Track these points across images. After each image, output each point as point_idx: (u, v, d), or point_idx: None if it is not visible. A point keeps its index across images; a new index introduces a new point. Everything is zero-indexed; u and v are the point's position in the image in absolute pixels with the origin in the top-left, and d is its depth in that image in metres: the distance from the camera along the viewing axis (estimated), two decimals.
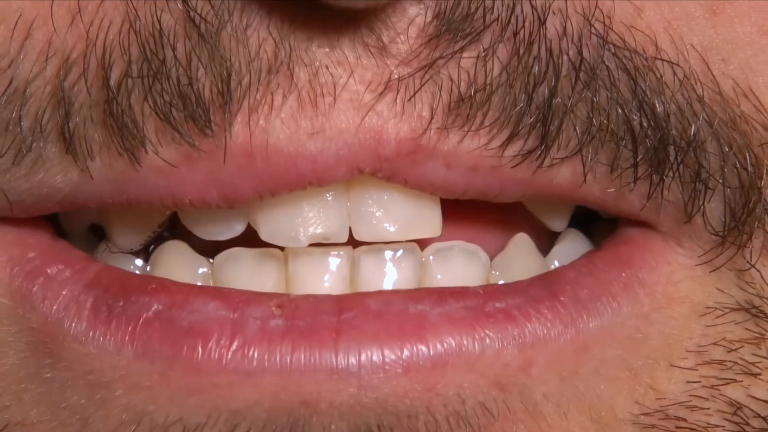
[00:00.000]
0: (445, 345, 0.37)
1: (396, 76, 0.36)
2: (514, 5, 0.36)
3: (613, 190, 0.38)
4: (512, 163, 0.37)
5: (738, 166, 0.38)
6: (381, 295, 0.38)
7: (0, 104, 0.36)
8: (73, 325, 0.37)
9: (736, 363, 0.39)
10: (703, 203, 0.38)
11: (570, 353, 0.38)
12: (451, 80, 0.36)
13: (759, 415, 0.39)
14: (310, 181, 0.37)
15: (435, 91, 0.36)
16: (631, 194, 0.38)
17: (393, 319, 0.37)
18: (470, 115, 0.36)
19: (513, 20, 0.36)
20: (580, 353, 0.38)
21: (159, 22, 0.35)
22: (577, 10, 0.37)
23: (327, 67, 0.36)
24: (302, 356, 0.36)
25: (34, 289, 0.38)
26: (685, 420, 0.39)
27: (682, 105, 0.37)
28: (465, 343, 0.37)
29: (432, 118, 0.36)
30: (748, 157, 0.38)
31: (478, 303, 0.38)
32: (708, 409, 0.39)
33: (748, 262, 0.39)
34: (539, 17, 0.36)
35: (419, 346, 0.37)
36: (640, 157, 0.37)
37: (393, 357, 0.36)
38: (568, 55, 0.36)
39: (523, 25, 0.36)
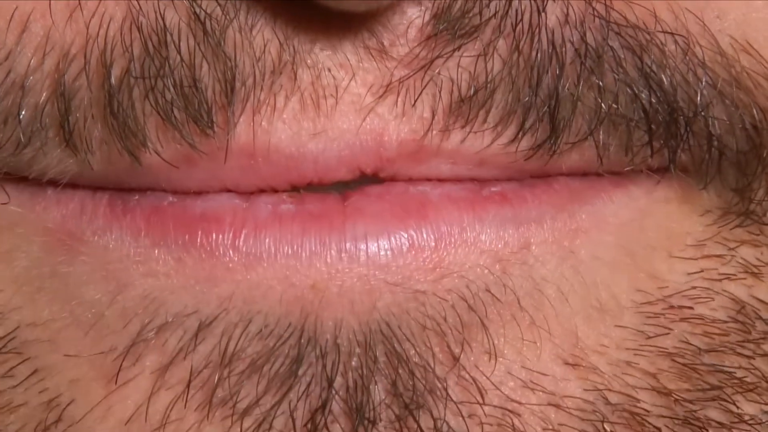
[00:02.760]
0: (448, 221, 0.37)
1: (396, 78, 0.36)
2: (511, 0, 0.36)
3: (628, 168, 0.38)
4: (524, 157, 0.37)
5: (746, 124, 0.38)
6: (381, 184, 0.38)
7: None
8: (91, 220, 0.38)
9: (734, 258, 0.40)
10: (717, 169, 0.38)
11: (565, 234, 0.38)
12: (452, 80, 0.36)
13: (761, 317, 0.40)
14: (311, 181, 0.37)
15: (435, 92, 0.36)
16: (646, 166, 0.38)
17: (395, 200, 0.37)
18: (471, 115, 0.36)
19: (511, 13, 0.36)
20: (575, 235, 0.38)
21: (163, 19, 0.35)
22: None
23: (329, 70, 0.36)
24: (312, 237, 0.37)
25: (48, 192, 0.38)
26: (691, 309, 0.39)
27: (685, 73, 0.37)
28: (466, 221, 0.37)
29: (433, 119, 0.36)
30: (755, 114, 0.38)
31: (475, 186, 0.38)
32: (712, 300, 0.39)
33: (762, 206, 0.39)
34: (538, 7, 0.36)
35: (422, 223, 0.37)
36: (654, 134, 0.37)
37: (398, 234, 0.37)
38: (571, 42, 0.36)
39: (522, 18, 0.36)
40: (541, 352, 0.38)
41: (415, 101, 0.36)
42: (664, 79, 0.36)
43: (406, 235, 0.37)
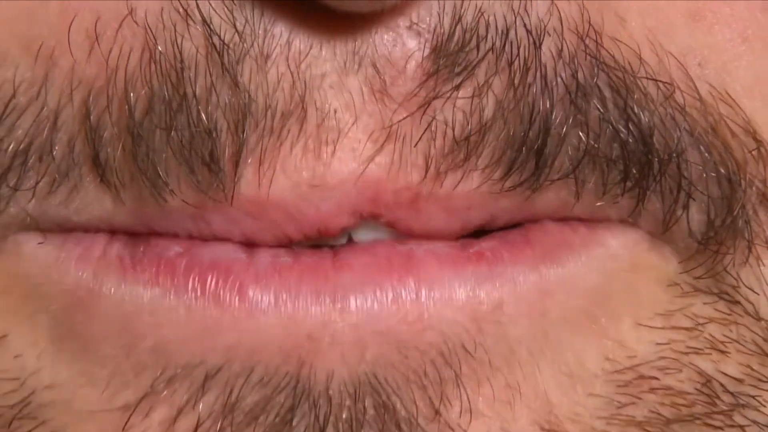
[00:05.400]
0: (429, 277, 0.38)
1: (396, 121, 0.36)
2: (507, 30, 0.36)
3: (600, 204, 0.38)
4: (509, 191, 0.37)
5: (719, 173, 0.38)
6: (369, 242, 0.39)
7: (32, 133, 0.36)
8: (107, 274, 0.38)
9: (702, 334, 0.40)
10: (683, 213, 0.38)
11: (536, 297, 0.38)
12: (446, 124, 0.36)
13: (728, 391, 0.40)
14: (319, 229, 0.38)
15: (431, 137, 0.36)
16: (614, 207, 0.39)
17: (382, 254, 0.38)
18: (466, 158, 0.37)
19: (507, 47, 0.36)
20: (544, 298, 0.38)
21: (180, 51, 0.35)
22: (570, 28, 0.37)
23: (335, 112, 0.36)
24: (308, 288, 0.37)
25: (68, 250, 0.39)
26: (658, 380, 0.39)
27: (664, 117, 0.37)
28: (445, 277, 0.38)
29: (428, 167, 0.37)
30: (729, 164, 0.38)
31: (458, 244, 0.39)
32: (680, 372, 0.40)
33: (729, 273, 0.40)
34: (535, 42, 0.36)
35: (405, 277, 0.38)
36: (629, 173, 0.37)
37: (382, 287, 0.38)
38: (562, 78, 0.36)
39: (518, 53, 0.36)
40: (517, 415, 0.38)
41: (414, 146, 0.36)
42: (643, 120, 0.37)
43: (390, 288, 0.38)
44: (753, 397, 0.40)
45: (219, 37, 0.35)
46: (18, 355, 0.39)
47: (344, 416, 0.37)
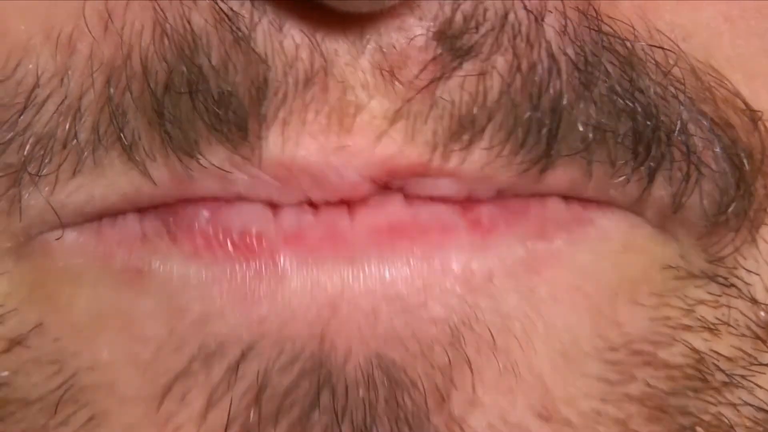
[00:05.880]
0: (429, 246, 0.38)
1: (405, 101, 0.37)
2: (506, 14, 0.36)
3: (609, 185, 0.38)
4: (518, 170, 0.38)
5: (724, 146, 0.39)
6: (379, 199, 0.39)
7: (55, 122, 0.36)
8: (152, 255, 0.38)
9: (693, 313, 0.40)
10: (693, 194, 0.38)
11: (523, 272, 0.38)
12: (452, 104, 0.37)
13: (721, 369, 0.40)
14: (342, 198, 0.38)
15: (439, 115, 0.37)
16: (623, 191, 0.39)
17: (393, 216, 0.38)
18: (472, 137, 0.37)
19: (507, 27, 0.36)
20: (531, 273, 0.38)
21: (189, 23, 0.35)
22: (572, 6, 0.37)
23: (353, 88, 0.37)
24: (329, 253, 0.37)
25: (107, 232, 0.38)
26: (652, 354, 0.39)
27: (665, 92, 0.38)
28: (447, 247, 0.38)
29: (437, 144, 0.37)
30: (736, 141, 0.39)
31: (458, 207, 0.39)
32: (673, 346, 0.39)
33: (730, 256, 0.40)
34: (536, 18, 0.37)
35: (413, 246, 0.38)
36: (638, 149, 0.38)
37: (394, 254, 0.38)
38: (567, 54, 0.37)
39: (519, 31, 0.37)
40: (516, 402, 0.38)
41: (424, 122, 0.37)
42: (648, 93, 0.37)
43: (399, 255, 0.38)
44: (745, 377, 0.40)
45: (227, 5, 0.35)
46: (57, 338, 0.38)
47: (359, 410, 0.37)
